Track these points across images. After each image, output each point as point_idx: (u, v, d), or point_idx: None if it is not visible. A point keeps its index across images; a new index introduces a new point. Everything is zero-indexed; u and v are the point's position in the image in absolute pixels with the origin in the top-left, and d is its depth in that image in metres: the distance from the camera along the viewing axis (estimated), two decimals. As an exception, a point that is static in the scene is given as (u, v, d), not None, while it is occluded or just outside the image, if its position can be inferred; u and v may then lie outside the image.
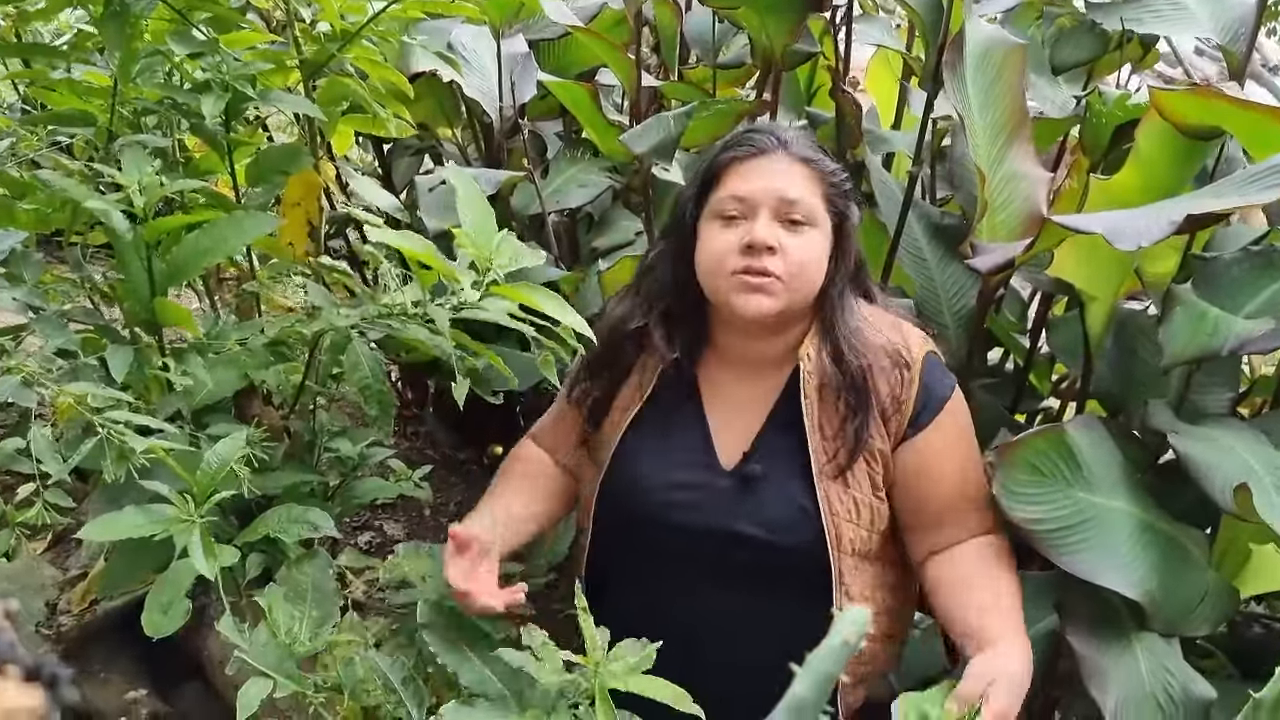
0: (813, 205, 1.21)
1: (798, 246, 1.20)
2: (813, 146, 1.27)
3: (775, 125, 1.29)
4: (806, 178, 1.22)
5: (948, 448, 1.29)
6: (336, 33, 1.44)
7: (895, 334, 1.28)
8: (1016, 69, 1.53)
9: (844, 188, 1.26)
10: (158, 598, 1.14)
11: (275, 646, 1.15)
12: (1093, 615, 1.36)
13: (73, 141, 1.69)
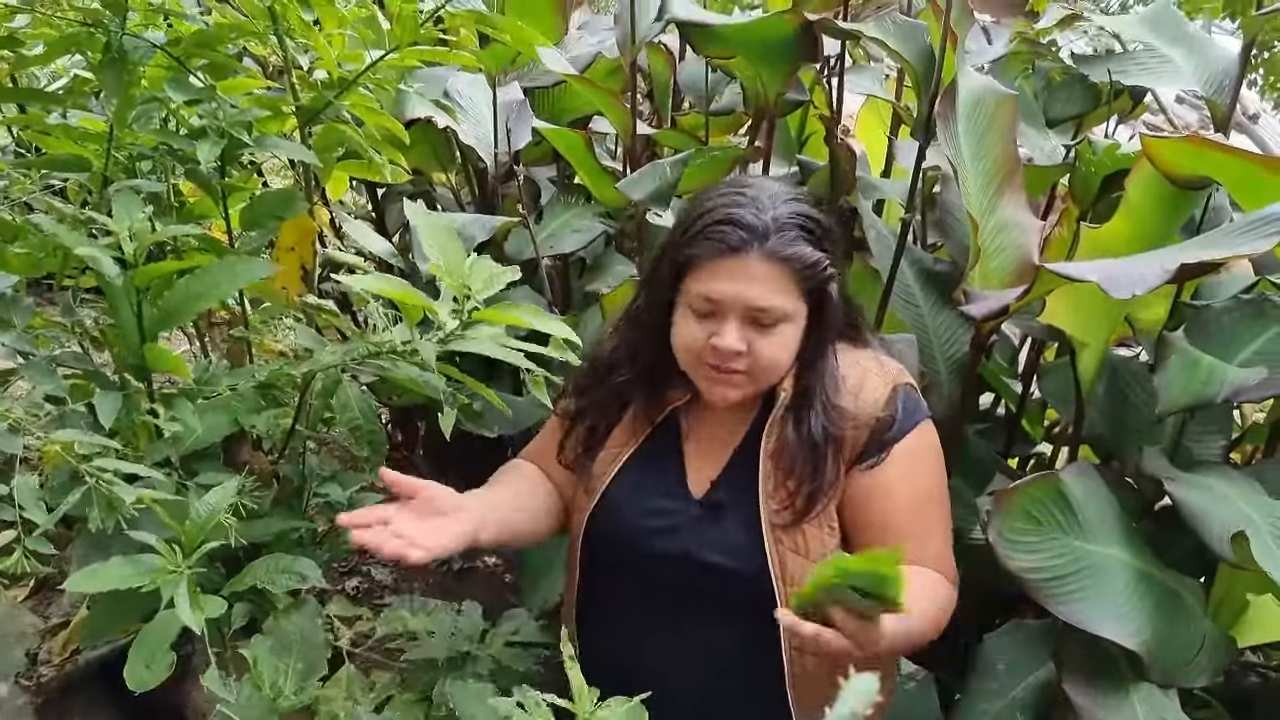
0: (784, 307, 1.18)
1: (767, 344, 1.19)
2: (792, 235, 1.17)
3: (757, 205, 1.18)
4: (780, 278, 1.17)
5: (900, 479, 1.23)
6: (333, 80, 1.44)
7: (870, 387, 1.24)
8: (1008, 118, 1.55)
9: (823, 274, 1.18)
10: (141, 650, 1.12)
11: (260, 700, 1.13)
12: (1090, 665, 1.34)
13: (66, 185, 1.69)
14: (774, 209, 1.18)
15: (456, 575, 2.49)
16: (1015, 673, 1.48)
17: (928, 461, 1.27)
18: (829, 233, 1.21)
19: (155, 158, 1.45)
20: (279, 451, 1.60)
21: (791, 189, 1.23)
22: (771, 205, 1.18)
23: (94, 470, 1.11)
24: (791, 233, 1.17)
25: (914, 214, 1.70)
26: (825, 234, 1.20)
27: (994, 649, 1.50)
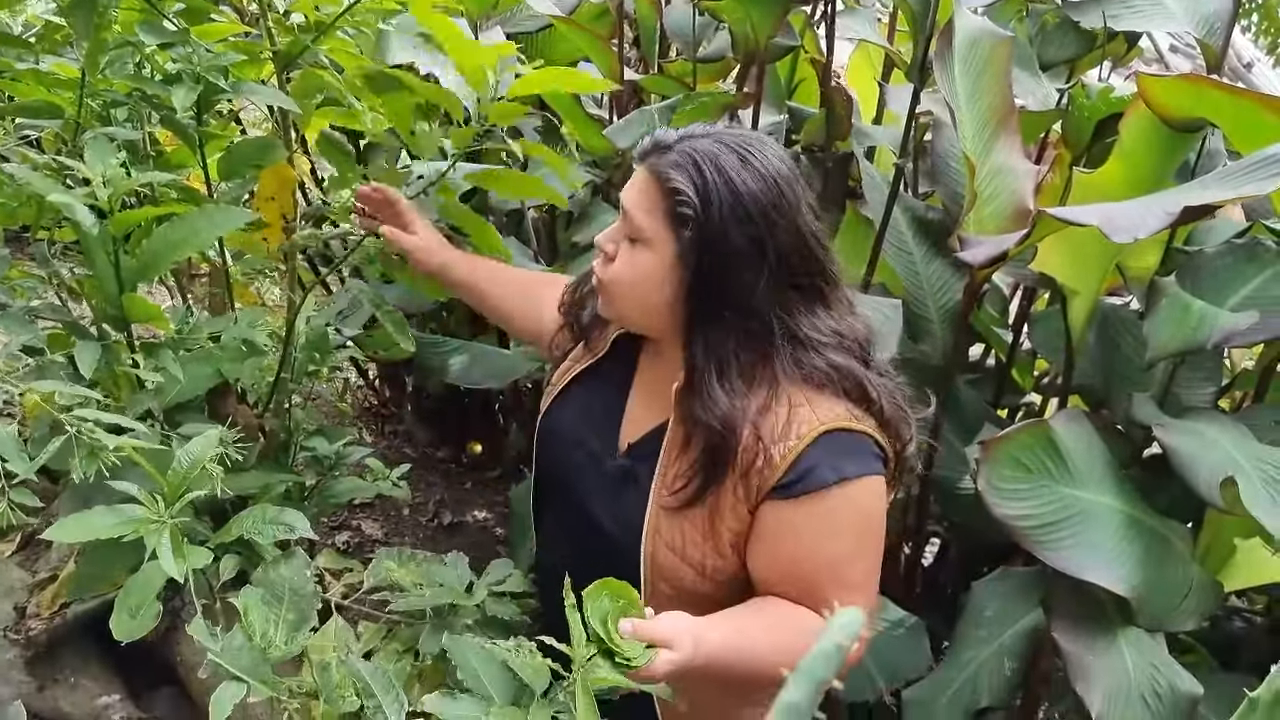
0: (643, 225, 1.11)
1: (621, 260, 1.14)
2: (680, 160, 1.09)
3: (688, 131, 1.12)
4: (649, 192, 1.11)
5: (813, 529, 1.09)
6: (311, 24, 1.41)
7: (799, 420, 1.09)
8: (1003, 62, 1.52)
9: (684, 212, 1.07)
10: (126, 601, 1.11)
11: (250, 650, 1.12)
12: (1078, 611, 1.35)
13: (42, 135, 1.65)
14: (694, 139, 1.11)
15: (447, 529, 2.49)
16: (1003, 619, 1.48)
17: (851, 521, 1.10)
18: (735, 200, 1.07)
19: (130, 105, 1.41)
20: (264, 405, 1.59)
21: (754, 148, 1.10)
22: (699, 136, 1.11)
23: (74, 420, 1.10)
24: (684, 159, 1.08)
25: (907, 159, 1.68)
26: (725, 193, 1.07)
27: (982, 596, 1.51)
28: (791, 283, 1.10)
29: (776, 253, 1.08)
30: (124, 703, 1.67)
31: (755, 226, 1.07)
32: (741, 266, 1.08)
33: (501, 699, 1.08)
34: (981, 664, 1.46)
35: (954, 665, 1.46)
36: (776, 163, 1.10)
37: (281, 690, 1.09)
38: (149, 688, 1.72)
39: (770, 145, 1.13)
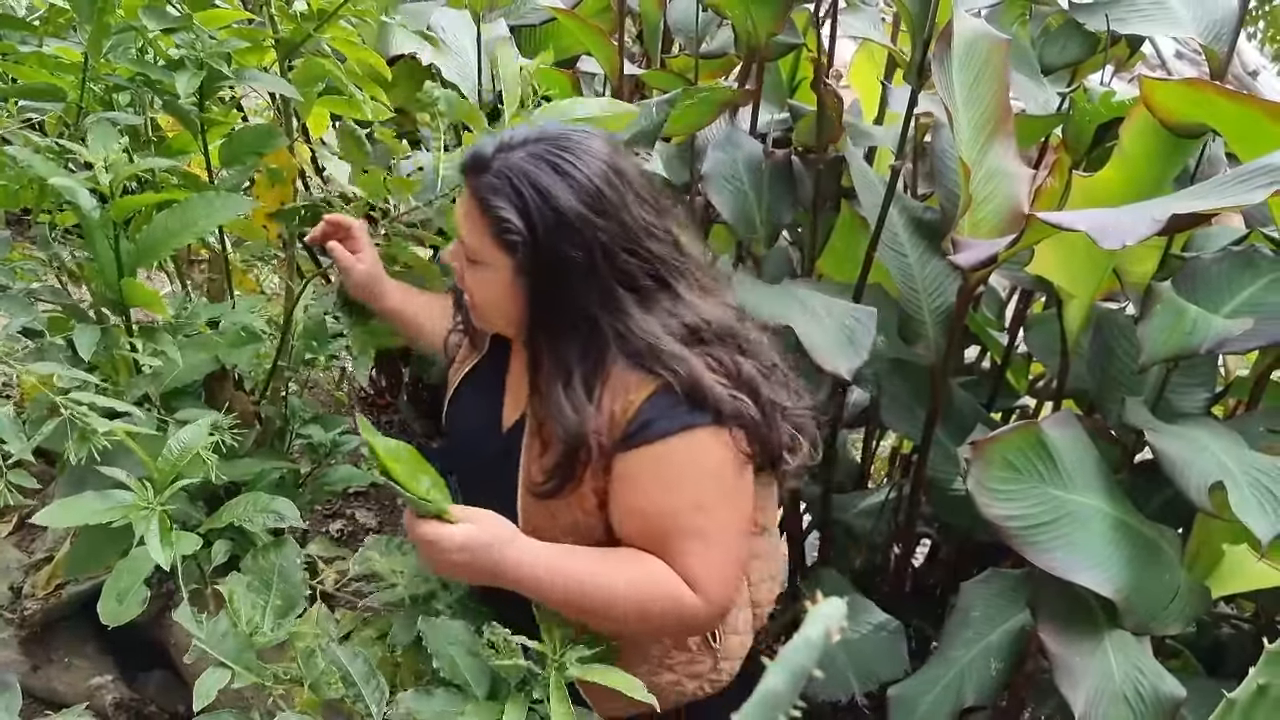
0: (478, 247, 1.15)
1: (469, 280, 1.20)
2: (503, 180, 1.11)
3: (505, 140, 1.14)
4: (477, 219, 1.14)
5: (651, 477, 1.13)
6: (314, 12, 1.41)
7: (633, 384, 1.13)
8: (1001, 64, 1.52)
9: (511, 239, 1.11)
10: (115, 584, 1.12)
11: (235, 636, 1.13)
12: (1065, 613, 1.36)
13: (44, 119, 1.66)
14: (510, 153, 1.13)
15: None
16: (990, 620, 1.49)
17: (688, 471, 1.13)
18: (556, 217, 1.10)
19: (133, 89, 1.42)
20: (260, 392, 1.59)
21: (569, 154, 1.12)
22: (515, 147, 1.13)
23: (70, 403, 1.11)
24: (501, 182, 1.11)
25: (904, 161, 1.69)
26: (547, 212, 1.10)
27: (970, 597, 1.51)
28: (626, 283, 1.14)
29: (606, 257, 1.11)
30: (116, 683, 1.68)
31: (580, 236, 1.10)
32: (573, 277, 1.12)
33: (478, 689, 1.10)
34: (968, 664, 1.47)
35: (941, 664, 1.46)
36: (595, 165, 1.13)
37: (266, 676, 1.10)
38: (141, 669, 1.73)
39: (587, 143, 1.15)
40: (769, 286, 1.62)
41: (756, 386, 1.15)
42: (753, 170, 1.75)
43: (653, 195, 1.19)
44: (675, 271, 1.17)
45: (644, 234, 1.14)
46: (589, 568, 1.12)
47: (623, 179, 1.14)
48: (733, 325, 1.18)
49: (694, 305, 1.16)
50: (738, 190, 1.74)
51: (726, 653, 1.29)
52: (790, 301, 1.54)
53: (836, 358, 1.45)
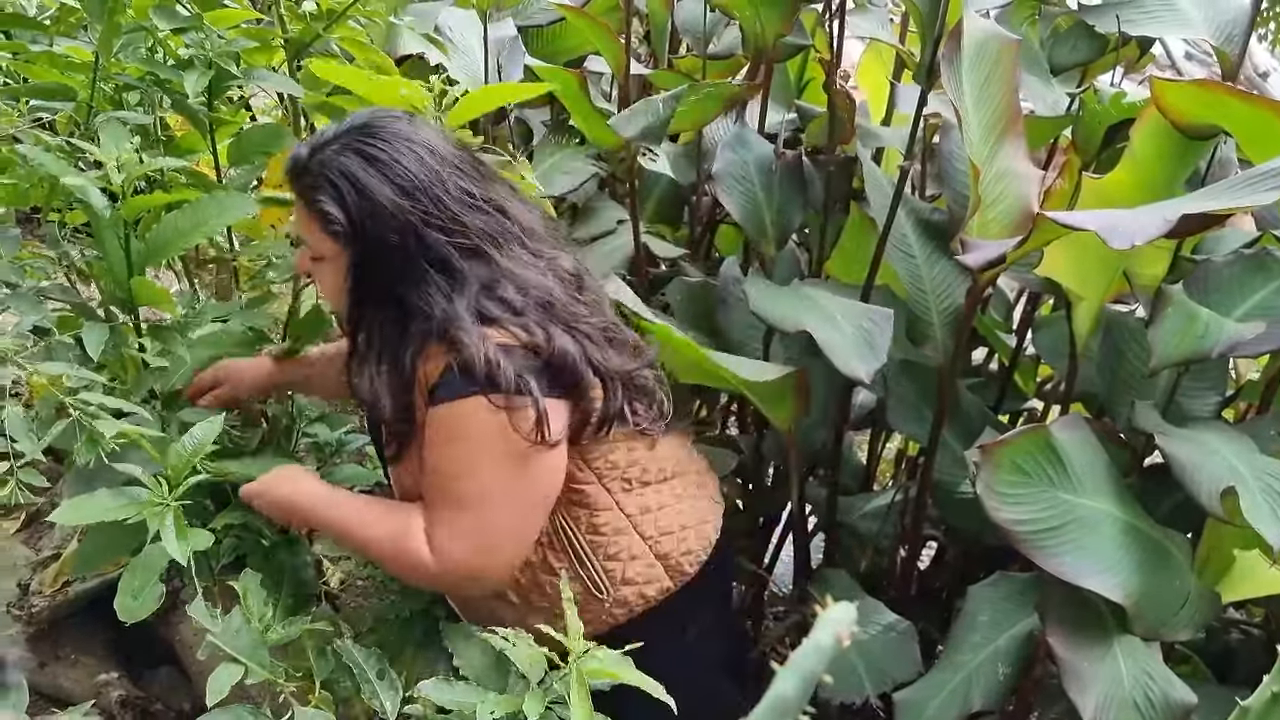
0: (315, 243, 1.23)
1: (318, 279, 1.28)
2: (321, 180, 1.19)
3: (319, 140, 1.21)
4: (307, 219, 1.22)
5: (432, 438, 1.22)
6: (323, 12, 1.42)
7: (426, 367, 1.22)
8: (1011, 65, 1.52)
9: (335, 228, 1.19)
10: (130, 582, 1.12)
11: (248, 633, 1.13)
12: (1074, 617, 1.35)
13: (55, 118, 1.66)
14: (324, 150, 1.20)
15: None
16: (998, 624, 1.48)
17: (456, 435, 1.20)
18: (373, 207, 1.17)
19: (142, 89, 1.42)
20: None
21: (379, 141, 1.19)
22: (328, 143, 1.20)
23: (78, 404, 1.11)
24: (320, 181, 1.18)
25: (913, 162, 1.68)
26: (364, 204, 1.17)
27: (978, 600, 1.50)
28: (436, 263, 1.19)
29: (418, 238, 1.18)
30: (123, 680, 1.68)
31: (395, 220, 1.17)
32: (392, 261, 1.19)
33: (495, 688, 1.10)
34: (975, 668, 1.46)
35: (948, 668, 1.46)
36: (404, 146, 1.19)
37: (279, 673, 1.10)
38: (148, 666, 1.73)
39: (395, 126, 1.21)
40: (781, 289, 1.62)
41: (568, 357, 1.20)
42: (763, 171, 1.74)
43: (473, 165, 1.25)
44: (495, 242, 1.22)
45: (462, 207, 1.20)
46: (354, 513, 1.27)
47: (434, 155, 1.21)
48: (552, 294, 1.23)
49: (514, 275, 1.22)
50: (748, 191, 1.73)
51: (619, 601, 1.34)
52: (805, 305, 1.54)
53: (855, 361, 1.45)
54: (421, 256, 1.19)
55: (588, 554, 1.33)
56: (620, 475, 1.34)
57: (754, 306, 1.54)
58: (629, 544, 1.35)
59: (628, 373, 1.28)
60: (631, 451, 1.35)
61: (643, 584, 1.36)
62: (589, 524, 1.33)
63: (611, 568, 1.34)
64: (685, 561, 1.38)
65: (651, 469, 1.38)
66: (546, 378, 1.20)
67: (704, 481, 1.49)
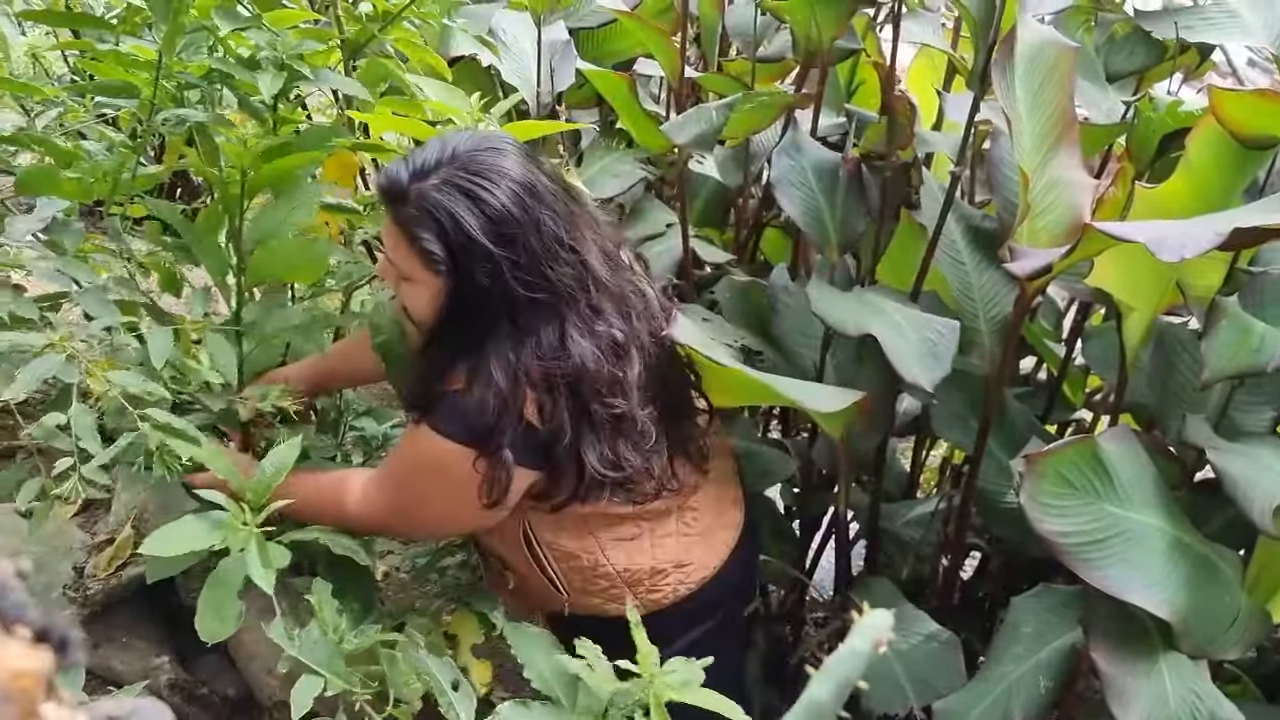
0: (409, 269, 1.26)
1: (405, 296, 1.31)
2: (423, 214, 1.22)
3: (416, 165, 1.23)
4: (404, 248, 1.25)
5: (411, 446, 1.35)
6: (378, 13, 1.44)
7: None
8: (1067, 72, 1.50)
9: (438, 265, 1.23)
10: (210, 601, 1.14)
11: (325, 644, 1.15)
12: (1118, 632, 1.33)
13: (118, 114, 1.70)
14: (426, 182, 1.21)
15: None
16: (1041, 636, 1.47)
17: (426, 464, 1.32)
18: (470, 244, 1.21)
19: (202, 87, 1.46)
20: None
21: (483, 179, 1.22)
22: (429, 173, 1.21)
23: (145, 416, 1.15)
24: (422, 215, 1.21)
25: (964, 168, 1.67)
26: (465, 241, 1.20)
27: (1020, 612, 1.49)
28: (509, 312, 1.24)
29: (502, 286, 1.22)
30: (172, 665, 1.72)
31: (490, 263, 1.21)
32: (477, 300, 1.24)
33: (565, 699, 1.11)
34: (1016, 680, 1.44)
35: (988, 679, 1.44)
36: (507, 187, 1.21)
37: (354, 683, 1.12)
38: (196, 651, 1.77)
39: (499, 163, 1.23)
40: (844, 294, 1.62)
41: (563, 448, 1.27)
42: (821, 176, 1.73)
43: (566, 207, 1.27)
44: (567, 300, 1.26)
45: (548, 257, 1.23)
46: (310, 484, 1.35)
47: (535, 196, 1.23)
48: (587, 370, 1.25)
49: (567, 344, 1.26)
50: (808, 196, 1.72)
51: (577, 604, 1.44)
52: (870, 310, 1.54)
53: (918, 369, 1.45)
54: (502, 302, 1.23)
55: (551, 566, 1.42)
56: (603, 514, 1.39)
57: (816, 310, 1.54)
58: (595, 564, 1.41)
59: (622, 462, 1.31)
60: (609, 514, 1.40)
61: (604, 602, 1.43)
62: (556, 548, 1.41)
63: (573, 579, 1.42)
64: (657, 594, 1.43)
65: (630, 524, 1.43)
66: (535, 453, 1.28)
67: (722, 509, 1.52)
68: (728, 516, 1.52)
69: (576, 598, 1.44)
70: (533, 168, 1.25)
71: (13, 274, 1.43)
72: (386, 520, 1.38)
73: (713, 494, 1.50)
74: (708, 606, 1.48)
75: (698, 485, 1.47)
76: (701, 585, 1.47)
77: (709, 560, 1.48)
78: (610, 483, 1.32)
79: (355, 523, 1.36)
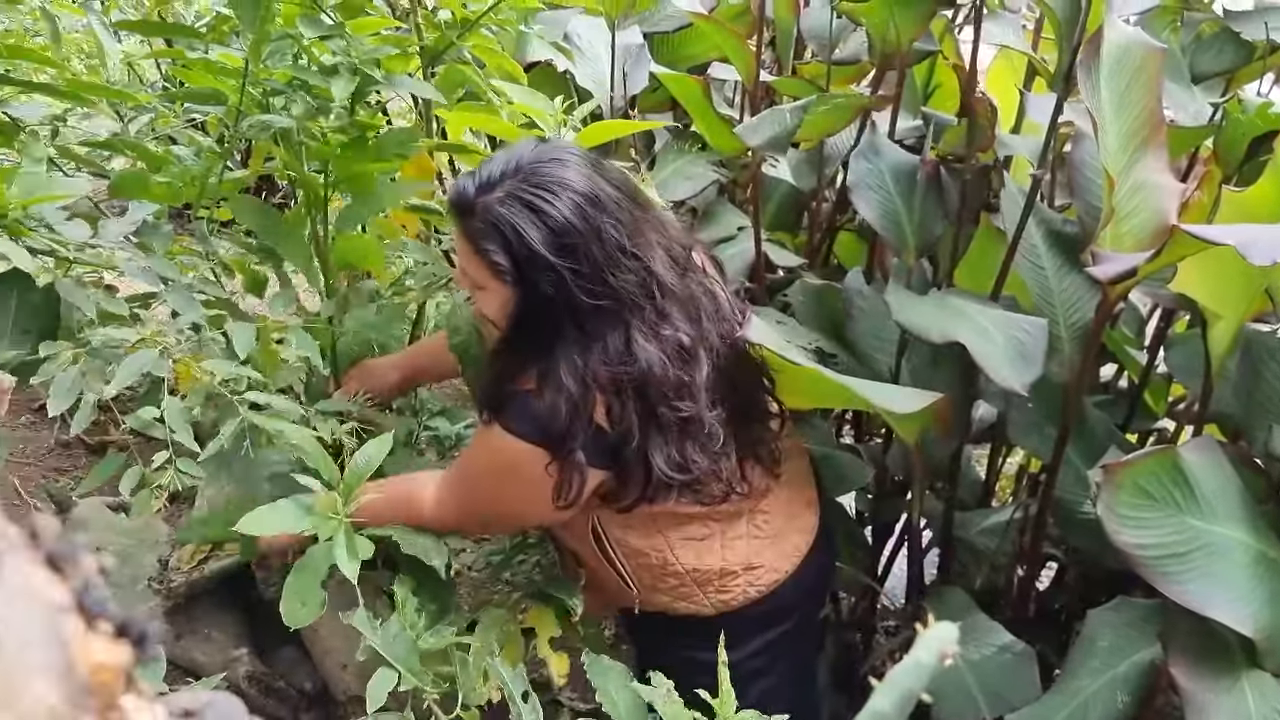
0: (479, 278, 1.29)
1: (480, 303, 1.34)
2: (489, 227, 1.24)
3: (483, 178, 1.26)
4: (472, 258, 1.28)
5: (483, 449, 1.39)
6: (457, 20, 1.47)
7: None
8: (1154, 73, 1.46)
9: (504, 275, 1.25)
10: (295, 589, 1.18)
11: (404, 640, 1.18)
12: (1199, 648, 1.29)
13: (206, 120, 1.76)
14: (491, 196, 1.24)
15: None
16: (1119, 650, 1.43)
17: (499, 464, 1.34)
18: (534, 256, 1.23)
19: (287, 94, 1.50)
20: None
21: (545, 192, 1.23)
22: (494, 186, 1.24)
23: (238, 398, 1.19)
24: (487, 228, 1.24)
25: (1045, 171, 1.64)
26: (528, 253, 1.23)
27: (1097, 625, 1.46)
28: (576, 319, 1.26)
29: (567, 295, 1.24)
30: (250, 657, 1.77)
31: (554, 274, 1.23)
32: (544, 308, 1.26)
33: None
34: (1092, 694, 1.41)
35: (1063, 693, 1.41)
36: (568, 199, 1.23)
37: (427, 681, 1.15)
38: (273, 645, 1.81)
39: (562, 174, 1.25)
40: (924, 299, 1.60)
41: (628, 440, 1.28)
42: (899, 179, 1.72)
43: (630, 214, 1.28)
44: (631, 308, 1.27)
45: (610, 265, 1.25)
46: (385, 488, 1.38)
47: (598, 206, 1.25)
48: (653, 375, 1.26)
49: (633, 349, 1.27)
50: (885, 200, 1.71)
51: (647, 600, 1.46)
52: (952, 314, 1.52)
53: (1007, 372, 1.42)
54: (567, 310, 1.26)
55: (620, 562, 1.44)
56: (671, 514, 1.40)
57: (897, 316, 1.52)
58: (663, 562, 1.42)
59: (689, 464, 1.32)
60: (677, 516, 1.41)
61: (672, 600, 1.44)
62: (625, 545, 1.43)
63: (642, 576, 1.44)
64: (726, 595, 1.44)
65: (713, 513, 1.43)
66: (604, 454, 1.29)
67: (794, 513, 1.52)
68: (801, 520, 1.52)
69: (646, 595, 1.45)
70: (596, 176, 1.27)
71: (105, 274, 1.49)
72: (460, 520, 1.41)
73: (785, 497, 1.50)
74: (780, 610, 1.48)
75: (769, 488, 1.47)
76: (773, 589, 1.46)
77: (780, 564, 1.47)
78: (678, 484, 1.32)
79: (429, 524, 1.39)
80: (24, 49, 1.56)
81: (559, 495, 1.30)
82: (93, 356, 1.19)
